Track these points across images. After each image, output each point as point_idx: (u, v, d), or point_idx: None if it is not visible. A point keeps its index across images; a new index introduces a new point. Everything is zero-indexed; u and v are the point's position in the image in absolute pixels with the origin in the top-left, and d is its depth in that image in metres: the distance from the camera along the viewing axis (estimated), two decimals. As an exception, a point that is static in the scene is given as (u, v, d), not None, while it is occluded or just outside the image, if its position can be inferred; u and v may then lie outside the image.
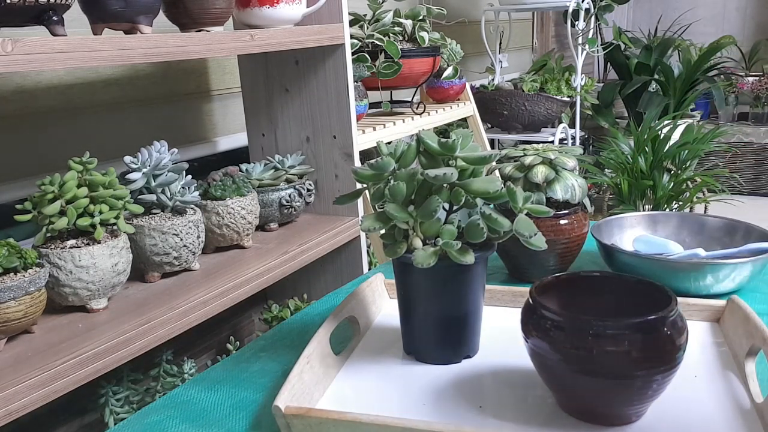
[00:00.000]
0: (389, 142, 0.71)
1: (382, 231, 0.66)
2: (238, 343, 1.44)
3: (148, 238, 1.05)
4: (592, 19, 2.93)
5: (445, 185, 0.63)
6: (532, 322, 0.56)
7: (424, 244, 0.64)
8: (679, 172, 2.06)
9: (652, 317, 0.52)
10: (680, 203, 2.27)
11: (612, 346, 0.51)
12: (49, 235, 0.95)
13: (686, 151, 2.08)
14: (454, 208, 0.66)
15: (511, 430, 0.55)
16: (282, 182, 1.35)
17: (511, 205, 0.65)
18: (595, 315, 0.56)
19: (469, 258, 0.61)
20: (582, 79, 2.66)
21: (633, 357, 0.51)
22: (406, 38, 1.75)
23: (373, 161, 0.64)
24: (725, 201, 2.37)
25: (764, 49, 3.77)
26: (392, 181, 0.63)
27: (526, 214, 0.64)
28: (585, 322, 0.52)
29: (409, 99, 1.83)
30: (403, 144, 0.66)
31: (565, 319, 0.53)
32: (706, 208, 2.39)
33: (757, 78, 3.47)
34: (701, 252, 0.86)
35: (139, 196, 1.09)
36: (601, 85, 3.34)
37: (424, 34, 1.74)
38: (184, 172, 1.13)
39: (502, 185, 0.63)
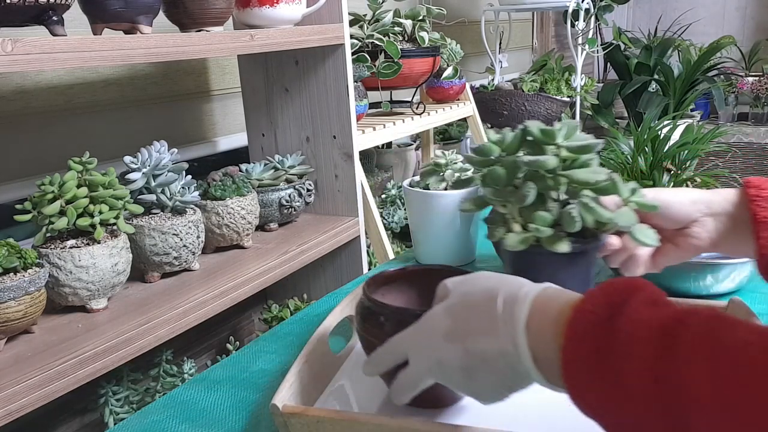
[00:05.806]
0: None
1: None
2: (238, 343, 1.44)
3: (148, 238, 1.05)
4: (592, 19, 2.92)
5: (549, 174, 0.63)
6: (362, 313, 0.59)
7: (524, 229, 0.64)
8: (679, 172, 2.06)
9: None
10: (680, 203, 2.26)
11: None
12: (49, 235, 0.95)
13: (686, 151, 2.08)
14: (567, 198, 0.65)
15: (508, 429, 0.55)
16: (282, 182, 1.35)
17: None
18: (415, 305, 0.59)
19: (562, 247, 0.60)
20: (582, 79, 2.65)
21: None
22: (406, 38, 1.75)
23: (476, 146, 0.65)
24: (725, 201, 2.36)
25: (764, 49, 3.76)
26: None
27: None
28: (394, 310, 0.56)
29: (409, 99, 1.83)
30: (512, 133, 0.66)
31: (385, 309, 0.56)
32: (706, 208, 2.38)
33: (757, 78, 3.47)
34: (701, 252, 0.86)
35: (139, 196, 1.09)
36: (601, 85, 3.34)
37: (424, 34, 1.74)
38: (184, 172, 1.13)
39: (608, 176, 0.62)
